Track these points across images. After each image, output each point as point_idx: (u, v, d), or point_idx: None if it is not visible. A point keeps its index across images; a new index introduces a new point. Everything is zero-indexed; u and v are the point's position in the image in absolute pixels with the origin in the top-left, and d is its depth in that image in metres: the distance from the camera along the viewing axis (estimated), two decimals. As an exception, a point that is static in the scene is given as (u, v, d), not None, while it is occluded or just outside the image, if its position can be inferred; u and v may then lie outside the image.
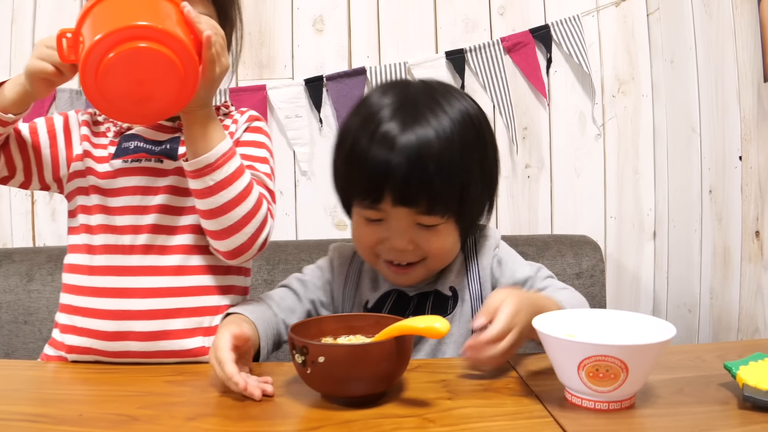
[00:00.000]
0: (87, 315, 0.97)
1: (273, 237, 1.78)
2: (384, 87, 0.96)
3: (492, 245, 1.01)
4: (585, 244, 1.71)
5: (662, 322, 0.75)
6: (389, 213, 0.90)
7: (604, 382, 0.68)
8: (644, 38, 1.90)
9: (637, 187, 1.94)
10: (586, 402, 0.71)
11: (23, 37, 1.86)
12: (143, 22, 0.78)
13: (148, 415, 0.74)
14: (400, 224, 0.91)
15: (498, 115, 1.89)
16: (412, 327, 0.72)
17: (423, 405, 0.74)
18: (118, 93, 0.81)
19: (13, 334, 1.62)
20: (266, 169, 1.03)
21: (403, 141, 0.86)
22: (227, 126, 1.06)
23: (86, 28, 0.80)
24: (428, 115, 0.88)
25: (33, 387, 0.88)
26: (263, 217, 0.95)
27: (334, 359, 0.71)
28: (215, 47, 0.85)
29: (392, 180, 0.87)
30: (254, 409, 0.75)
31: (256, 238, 0.95)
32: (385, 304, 0.99)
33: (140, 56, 0.78)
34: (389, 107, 0.90)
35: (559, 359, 0.72)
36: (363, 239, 0.95)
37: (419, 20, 1.90)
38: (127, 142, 1.02)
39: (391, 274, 0.96)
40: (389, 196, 0.88)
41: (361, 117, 0.92)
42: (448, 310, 0.97)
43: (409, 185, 0.87)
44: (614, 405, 0.70)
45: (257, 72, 1.89)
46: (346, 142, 0.92)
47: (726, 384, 0.77)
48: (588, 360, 0.67)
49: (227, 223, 0.92)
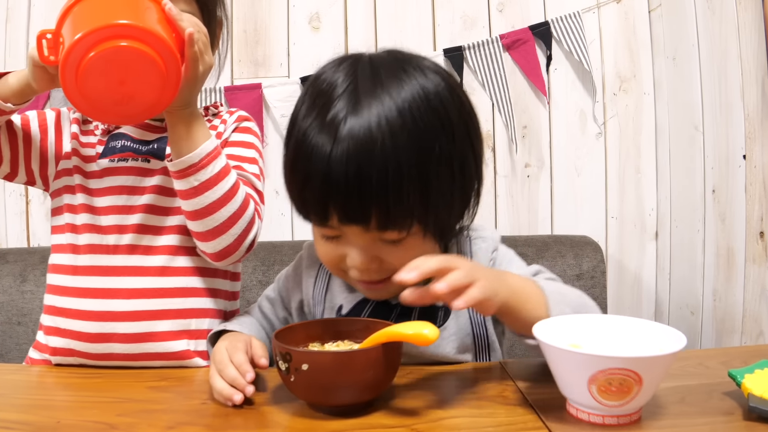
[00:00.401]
0: (70, 316, 0.95)
1: (269, 237, 1.79)
2: (334, 65, 0.82)
3: (489, 248, 0.92)
4: (586, 245, 1.68)
5: (666, 327, 0.71)
6: (342, 230, 0.80)
7: (616, 396, 0.64)
8: (646, 35, 1.88)
9: (639, 187, 1.92)
10: (593, 417, 0.66)
11: (18, 37, 1.85)
12: (123, 20, 0.76)
13: (126, 423, 0.71)
14: (358, 241, 0.79)
15: (497, 114, 1.86)
16: (400, 333, 0.69)
17: (412, 414, 0.71)
18: (99, 93, 0.79)
19: (6, 335, 1.62)
20: (255, 170, 1.01)
21: (340, 149, 0.73)
22: (216, 126, 1.05)
23: (66, 29, 0.78)
24: (373, 105, 0.74)
25: (14, 392, 0.86)
26: (250, 217, 0.93)
27: (318, 367, 0.68)
28: (198, 45, 0.83)
29: (334, 197, 0.75)
30: (237, 418, 0.72)
31: (243, 240, 0.93)
32: (363, 311, 0.90)
33: (121, 55, 0.76)
34: (321, 103, 0.77)
35: (567, 373, 0.67)
36: (323, 256, 0.85)
37: (417, 17, 1.87)
38: (114, 141, 1.01)
39: (364, 290, 0.87)
40: (334, 215, 0.77)
41: (303, 112, 0.80)
42: (438, 322, 0.88)
43: (352, 201, 0.75)
44: (623, 419, 0.66)
45: (252, 70, 1.87)
46: (288, 147, 0.82)
47: (730, 393, 0.73)
48: (600, 373, 0.63)
49: (213, 224, 0.90)
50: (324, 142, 0.74)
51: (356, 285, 0.87)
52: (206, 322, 0.99)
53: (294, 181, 0.81)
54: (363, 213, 0.75)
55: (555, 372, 0.69)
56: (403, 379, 0.82)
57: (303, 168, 0.77)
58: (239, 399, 0.73)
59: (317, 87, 0.80)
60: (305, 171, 0.77)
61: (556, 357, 0.67)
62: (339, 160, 0.73)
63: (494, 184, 1.90)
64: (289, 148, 0.81)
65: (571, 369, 0.66)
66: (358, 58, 0.82)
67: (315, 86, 0.81)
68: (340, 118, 0.74)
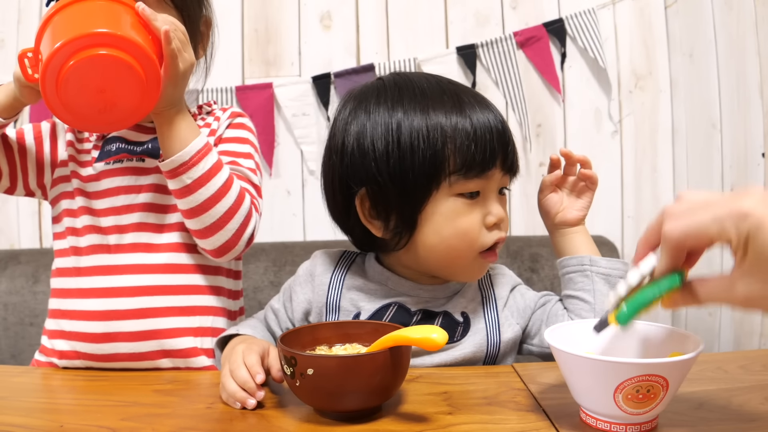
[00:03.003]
0: (75, 317, 0.95)
1: (280, 238, 1.78)
2: (388, 90, 0.88)
3: (509, 282, 0.97)
4: (601, 245, 1.65)
5: (658, 327, 0.70)
6: (490, 180, 0.86)
7: (642, 404, 0.61)
8: (662, 31, 1.84)
9: (656, 186, 1.88)
10: (616, 427, 0.64)
11: (29, 37, 1.85)
12: (97, 29, 0.77)
13: (129, 427, 0.70)
14: (494, 191, 0.87)
15: (511, 112, 1.84)
16: (407, 337, 0.67)
17: (421, 420, 0.69)
18: (80, 103, 0.80)
19: (19, 336, 1.62)
20: (250, 164, 1.01)
21: (483, 104, 0.86)
22: (209, 124, 1.04)
23: (44, 44, 0.79)
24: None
25: (18, 395, 0.85)
26: (247, 211, 0.93)
27: (323, 371, 0.66)
28: (174, 42, 0.83)
29: (500, 140, 0.85)
30: (241, 423, 0.70)
31: (241, 234, 0.93)
32: (383, 316, 0.90)
33: (97, 63, 0.77)
34: (423, 89, 0.87)
35: (590, 382, 0.64)
36: (471, 228, 0.85)
37: (429, 15, 1.85)
38: (109, 144, 1.01)
39: (482, 268, 0.89)
40: (500, 159, 0.85)
41: (413, 97, 0.85)
42: (456, 337, 0.90)
43: (511, 144, 0.86)
44: (645, 426, 0.64)
45: (264, 70, 1.86)
46: (414, 120, 0.83)
47: (750, 398, 0.71)
48: (629, 381, 0.60)
49: (209, 220, 0.90)
50: (461, 101, 0.85)
51: (474, 267, 0.89)
52: (210, 320, 0.98)
53: (442, 136, 0.84)
54: (515, 156, 0.88)
55: (575, 382, 0.66)
56: (412, 383, 0.80)
57: (459, 120, 0.84)
58: (252, 404, 0.73)
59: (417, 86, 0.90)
60: (466, 121, 0.84)
61: (579, 366, 0.64)
62: (500, 120, 0.86)
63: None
64: (414, 114, 0.85)
65: (597, 378, 0.62)
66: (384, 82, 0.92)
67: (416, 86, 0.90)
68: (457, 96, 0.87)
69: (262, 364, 0.76)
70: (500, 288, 0.95)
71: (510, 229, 1.88)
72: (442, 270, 0.90)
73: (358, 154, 0.85)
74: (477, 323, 0.91)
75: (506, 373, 0.84)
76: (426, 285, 0.91)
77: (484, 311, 0.92)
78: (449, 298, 0.92)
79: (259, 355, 0.77)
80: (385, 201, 0.85)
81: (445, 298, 0.92)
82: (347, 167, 0.86)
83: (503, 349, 0.92)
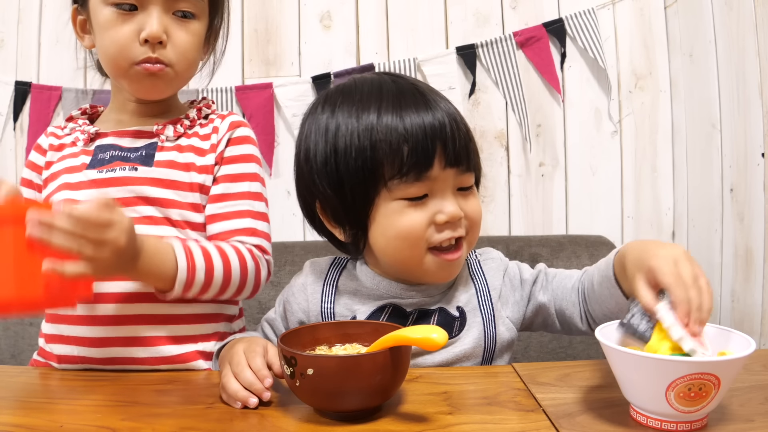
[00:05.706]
0: (72, 322, 0.94)
1: (280, 238, 1.77)
2: (332, 97, 0.89)
3: (500, 267, 0.95)
4: (601, 245, 1.66)
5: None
6: (436, 180, 0.83)
7: (694, 402, 0.62)
8: (662, 31, 1.84)
9: (655, 186, 1.88)
10: (667, 425, 0.65)
11: (29, 37, 1.85)
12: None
13: (129, 427, 0.70)
14: (447, 190, 0.84)
15: (511, 112, 1.84)
16: (407, 337, 0.67)
17: (421, 420, 0.69)
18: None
19: (18, 335, 1.62)
20: (255, 188, 1.01)
21: (439, 112, 0.84)
22: (209, 136, 1.00)
23: None
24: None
25: (18, 394, 0.85)
26: (253, 281, 0.95)
27: (323, 371, 0.66)
28: (82, 257, 0.74)
29: (441, 137, 0.82)
30: (241, 423, 0.71)
31: (252, 294, 0.97)
32: (379, 318, 0.90)
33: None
34: (373, 93, 0.86)
35: (643, 380, 0.64)
36: (413, 227, 0.83)
37: (429, 15, 1.85)
38: (103, 153, 0.98)
39: (441, 267, 0.86)
40: (440, 158, 0.82)
41: (351, 102, 0.86)
42: (454, 332, 0.89)
43: (455, 140, 0.83)
44: (696, 425, 0.65)
45: (264, 70, 1.86)
46: (348, 125, 0.84)
47: (750, 398, 0.71)
48: (681, 379, 0.61)
49: (223, 297, 0.95)
50: (405, 103, 0.84)
51: (431, 266, 0.86)
52: (210, 328, 0.98)
53: (376, 139, 0.83)
54: (460, 153, 0.84)
55: (626, 380, 0.67)
56: (412, 383, 0.80)
57: (395, 122, 0.83)
58: (254, 402, 0.73)
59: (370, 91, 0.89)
60: (402, 122, 0.82)
61: (631, 364, 0.65)
62: (440, 116, 0.84)
63: (508, 183, 1.87)
64: (352, 118, 0.85)
65: (650, 376, 0.63)
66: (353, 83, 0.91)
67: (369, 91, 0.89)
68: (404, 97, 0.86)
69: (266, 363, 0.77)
70: (492, 276, 0.94)
71: (510, 229, 1.88)
72: (403, 272, 0.90)
73: (305, 169, 0.88)
74: (473, 316, 0.91)
75: (506, 373, 0.84)
76: (416, 284, 0.91)
77: (479, 303, 0.92)
78: (443, 294, 0.92)
79: (263, 357, 0.77)
80: (334, 210, 0.88)
81: (439, 294, 0.92)
82: (302, 179, 0.90)
83: (500, 344, 0.91)
